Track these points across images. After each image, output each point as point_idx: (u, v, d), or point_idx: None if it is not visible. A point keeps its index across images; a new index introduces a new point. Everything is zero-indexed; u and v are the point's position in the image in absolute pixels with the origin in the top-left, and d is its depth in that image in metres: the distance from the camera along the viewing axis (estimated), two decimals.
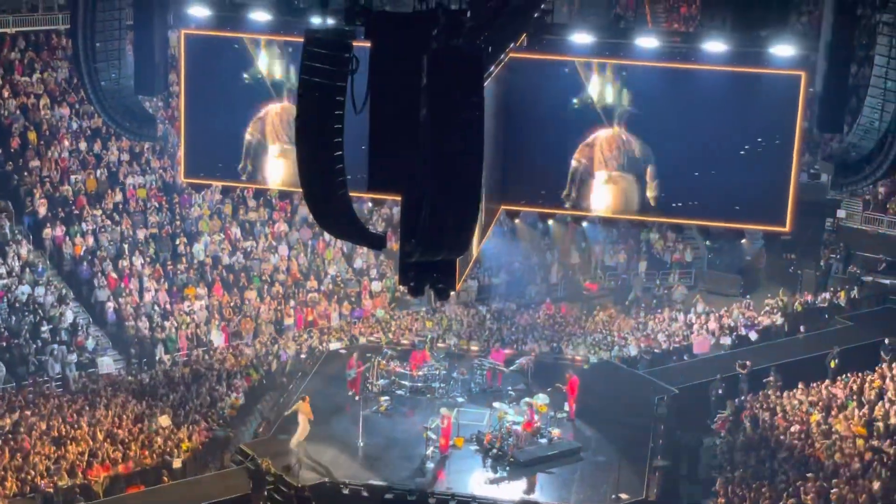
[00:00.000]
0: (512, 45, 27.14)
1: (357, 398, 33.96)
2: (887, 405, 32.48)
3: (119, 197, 42.10)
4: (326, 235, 41.70)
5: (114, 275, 39.43)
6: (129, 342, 38.01)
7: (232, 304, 40.07)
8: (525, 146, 29.13)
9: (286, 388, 35.89)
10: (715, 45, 27.02)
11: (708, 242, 44.07)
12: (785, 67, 27.41)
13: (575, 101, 28.70)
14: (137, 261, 40.17)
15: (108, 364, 36.86)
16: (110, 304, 38.73)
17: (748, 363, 36.27)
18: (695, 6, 49.05)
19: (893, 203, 43.46)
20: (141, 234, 41.24)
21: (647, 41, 28.08)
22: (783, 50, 26.91)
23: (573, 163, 29.11)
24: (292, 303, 40.84)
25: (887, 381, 34.31)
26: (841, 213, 44.65)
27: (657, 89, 28.56)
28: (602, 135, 28.90)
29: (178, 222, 42.12)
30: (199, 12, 29.22)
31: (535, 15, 28.31)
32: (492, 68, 24.00)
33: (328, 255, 43.02)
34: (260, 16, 28.86)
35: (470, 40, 18.92)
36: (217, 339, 38.72)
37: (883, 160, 27.68)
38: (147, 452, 31.48)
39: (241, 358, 37.64)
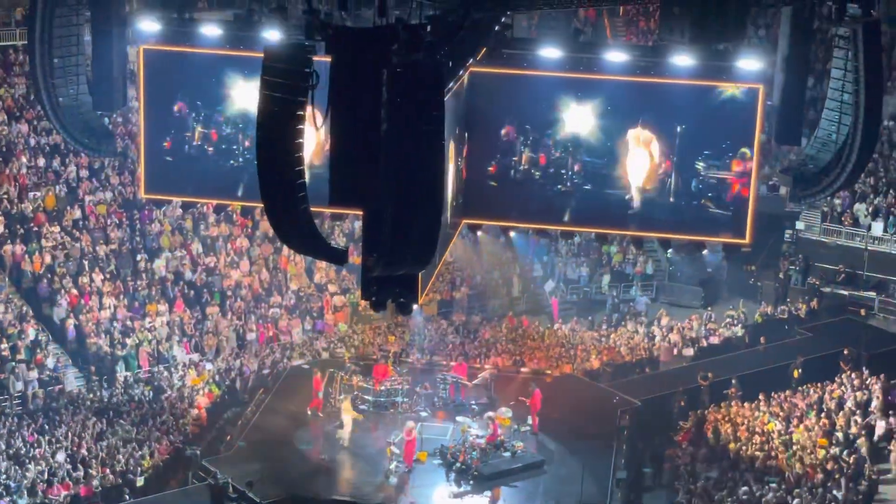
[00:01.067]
0: (472, 60, 27.22)
1: (319, 414, 33.93)
2: (849, 415, 32.75)
3: (78, 213, 41.82)
4: (288, 250, 41.61)
5: (74, 292, 39.15)
6: (89, 359, 37.75)
7: (193, 320, 39.88)
8: (486, 159, 29.19)
9: (249, 403, 35.77)
10: (681, 59, 27.19)
11: (669, 254, 44.28)
12: (743, 80, 27.60)
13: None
14: (98, 277, 39.90)
15: (72, 382, 36.58)
16: (70, 322, 38.45)
17: (710, 375, 36.45)
18: (653, 20, 49.33)
19: (849, 215, 43.81)
20: (101, 250, 40.99)
21: (616, 55, 28.19)
22: (747, 64, 27.11)
23: None
24: (254, 318, 40.72)
25: (847, 391, 34.59)
26: (800, 225, 44.98)
27: (620, 102, 28.67)
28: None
29: (138, 238, 41.90)
30: (150, 27, 29.11)
31: (495, 29, 28.38)
32: (452, 83, 24.07)
33: (291, 271, 42.91)
34: (211, 30, 28.74)
35: (430, 55, 18.94)
36: (179, 355, 38.52)
37: (840, 172, 27.90)
38: (108, 471, 31.28)
39: (203, 374, 37.48)
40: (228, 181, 30.25)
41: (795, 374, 36.56)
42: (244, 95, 28.88)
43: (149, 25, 28.96)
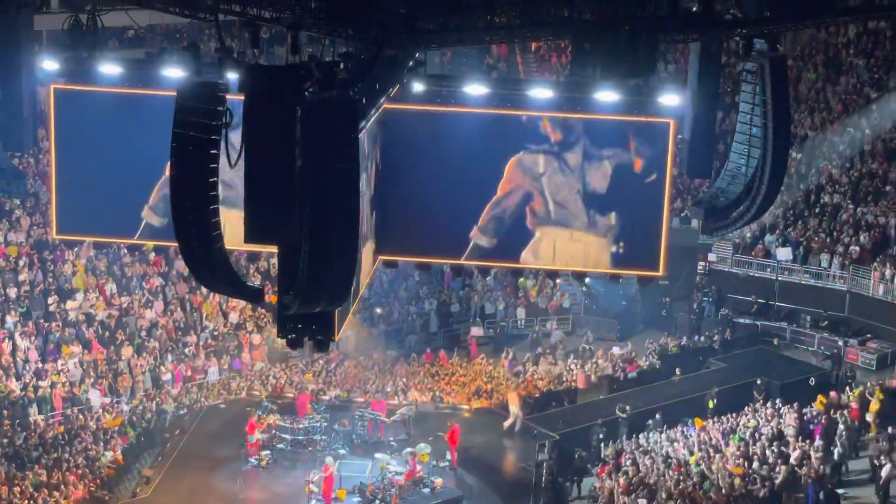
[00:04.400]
0: (385, 97, 27.30)
1: (251, 459, 33.64)
2: (765, 443, 33.14)
3: None
4: (203, 289, 41.27)
5: None
6: (0, 404, 37.04)
7: (107, 361, 39.35)
8: (401, 196, 29.22)
9: (165, 444, 35.38)
10: (602, 95, 27.45)
11: (585, 287, 44.56)
12: (654, 115, 27.95)
13: None
14: (9, 319, 39.26)
15: None
16: None
17: (627, 407, 36.70)
18: (565, 56, 49.86)
19: (760, 247, 44.50)
20: (12, 291, 40.33)
21: (538, 91, 28.33)
22: (667, 99, 27.48)
23: None
24: (170, 358, 40.28)
25: (761, 420, 35.02)
26: (712, 257, 45.55)
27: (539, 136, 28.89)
28: None
29: (51, 279, 41.31)
30: (51, 66, 28.76)
31: (408, 66, 28.51)
32: (366, 119, 24.12)
33: (206, 309, 42.55)
34: (112, 69, 28.43)
35: (343, 92, 19.00)
36: (93, 397, 37.96)
37: (750, 204, 28.30)
38: None
39: (119, 416, 36.98)
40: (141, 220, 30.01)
41: (710, 404, 36.97)
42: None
43: (50, 65, 28.57)
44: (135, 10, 28.13)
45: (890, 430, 33.76)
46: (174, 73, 27.00)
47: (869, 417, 35.27)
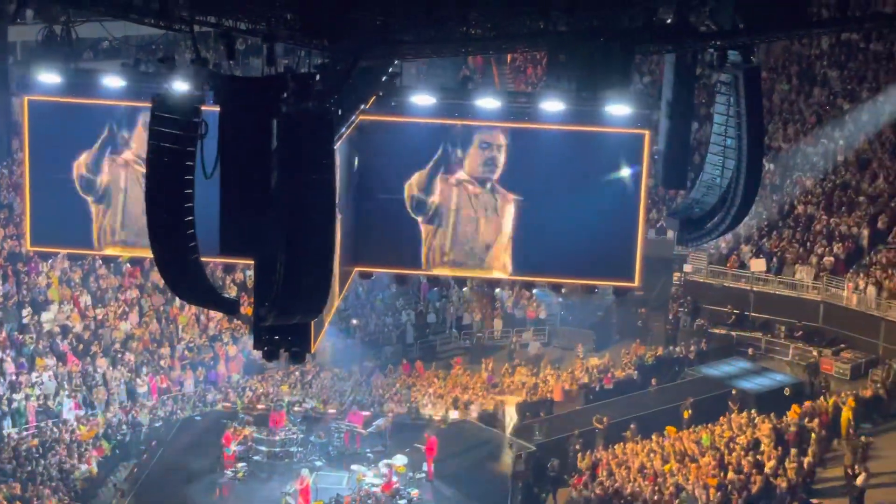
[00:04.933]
0: (362, 108, 27.29)
1: (227, 471, 33.51)
2: (740, 453, 33.23)
3: None
4: (179, 301, 41.14)
5: None
6: None
7: (82, 373, 39.18)
8: (377, 207, 29.20)
9: (140, 457, 35.24)
10: (557, 105, 27.36)
11: (561, 299, 44.61)
12: (629, 126, 27.98)
13: None
14: None
15: None
16: None
17: (605, 419, 36.73)
18: (540, 67, 49.99)
19: (735, 257, 44.64)
20: None
21: (492, 102, 28.25)
22: (620, 109, 27.46)
23: None
24: (145, 370, 40.14)
25: (735, 429, 35.12)
26: (688, 268, 45.67)
27: (507, 149, 28.86)
28: None
29: (25, 291, 41.13)
30: (50, 79, 28.60)
31: (384, 77, 28.52)
32: (342, 130, 24.12)
33: (182, 321, 42.42)
34: (113, 81, 28.36)
35: (319, 104, 19.00)
36: (67, 409, 37.79)
37: (725, 215, 28.37)
38: None
39: (94, 428, 36.81)
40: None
41: (686, 414, 37.05)
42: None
43: (48, 77, 28.36)
44: (110, 21, 28.02)
45: (864, 439, 34.00)
46: (149, 84, 26.94)
47: (843, 427, 35.46)
